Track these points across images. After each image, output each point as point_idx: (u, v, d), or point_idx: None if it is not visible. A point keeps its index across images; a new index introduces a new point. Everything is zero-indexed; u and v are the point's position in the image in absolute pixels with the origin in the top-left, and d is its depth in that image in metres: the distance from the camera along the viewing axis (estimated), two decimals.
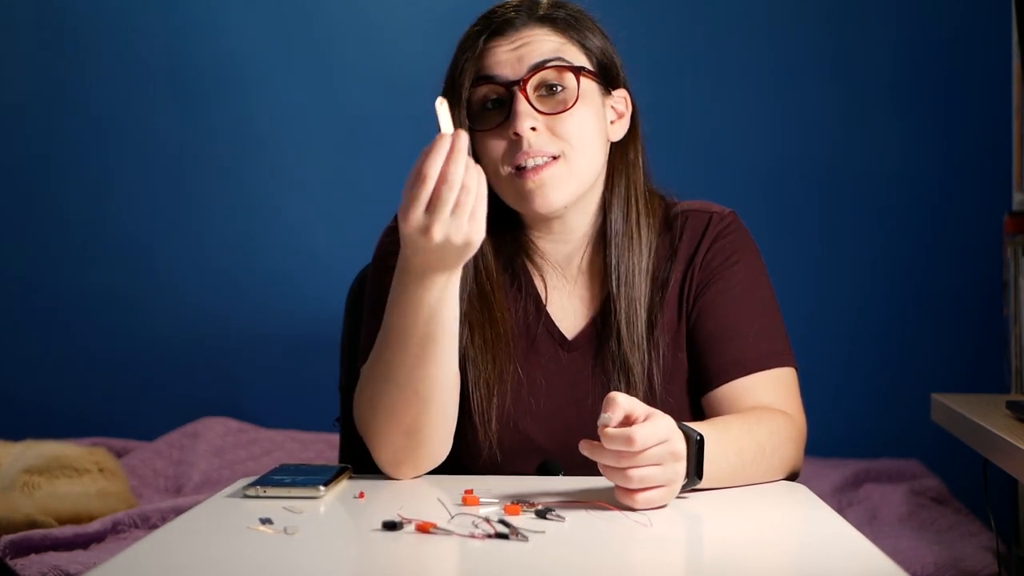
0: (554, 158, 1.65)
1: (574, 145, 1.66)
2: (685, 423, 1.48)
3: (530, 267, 1.76)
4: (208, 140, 3.42)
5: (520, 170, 1.65)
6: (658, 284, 1.74)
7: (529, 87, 1.65)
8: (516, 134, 1.64)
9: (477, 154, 1.67)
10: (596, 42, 1.71)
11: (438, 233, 1.44)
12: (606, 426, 1.41)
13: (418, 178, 1.43)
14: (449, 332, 1.55)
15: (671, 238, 1.76)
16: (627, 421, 1.42)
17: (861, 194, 3.33)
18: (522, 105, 1.64)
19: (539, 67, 1.66)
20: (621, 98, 1.75)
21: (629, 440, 1.38)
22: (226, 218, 3.42)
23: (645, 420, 1.41)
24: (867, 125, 3.32)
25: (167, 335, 3.41)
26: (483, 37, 1.68)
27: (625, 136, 1.75)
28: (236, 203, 3.42)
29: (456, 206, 1.43)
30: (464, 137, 1.44)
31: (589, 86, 1.69)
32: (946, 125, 3.30)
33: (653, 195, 1.78)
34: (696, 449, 1.46)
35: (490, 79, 1.66)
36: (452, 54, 1.72)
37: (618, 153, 1.75)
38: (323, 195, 3.41)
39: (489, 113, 1.68)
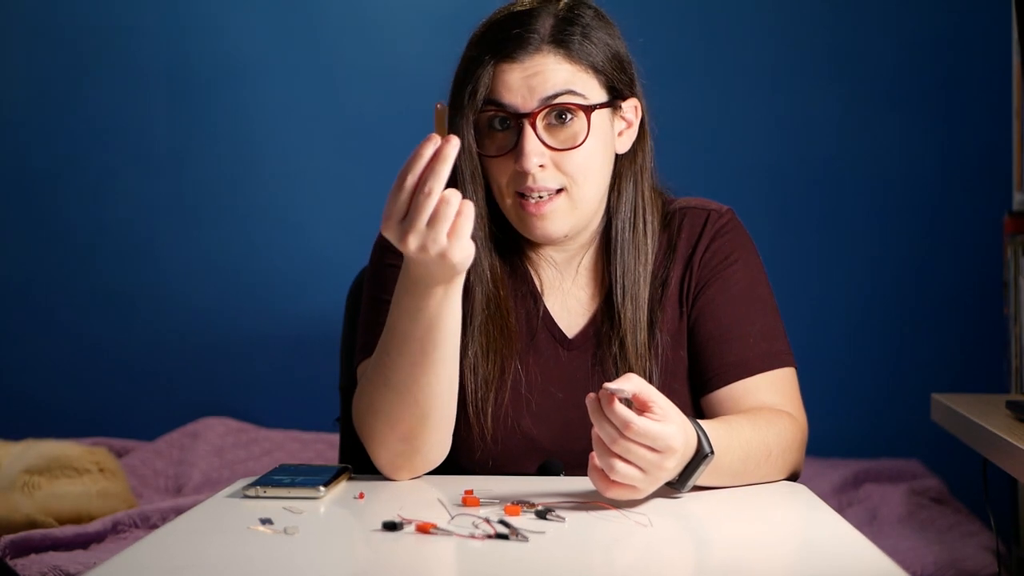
0: (558, 191, 1.64)
1: (578, 180, 1.64)
2: (703, 436, 1.46)
3: (529, 266, 1.75)
4: (208, 140, 3.42)
5: (523, 197, 1.64)
6: (658, 282, 1.73)
7: (539, 118, 1.62)
8: (522, 169, 1.62)
9: (483, 173, 1.66)
10: (608, 59, 1.66)
11: (412, 243, 1.40)
12: (613, 394, 1.38)
13: (397, 183, 1.40)
14: (450, 342, 1.53)
15: (669, 235, 1.75)
16: (642, 404, 1.40)
17: (861, 194, 3.32)
18: (531, 142, 1.61)
19: (550, 102, 1.62)
20: (631, 107, 1.71)
21: (626, 425, 1.37)
22: (226, 218, 3.42)
23: (657, 416, 1.40)
24: (867, 125, 3.32)
25: (167, 335, 3.41)
26: (494, 60, 1.62)
27: (634, 142, 1.73)
28: (236, 203, 3.42)
29: (433, 218, 1.39)
30: (454, 145, 1.38)
31: (599, 116, 1.65)
32: (946, 125, 3.29)
33: (655, 194, 1.76)
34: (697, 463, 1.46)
35: (500, 105, 1.62)
36: (458, 59, 1.68)
37: (626, 160, 1.72)
38: (323, 195, 3.41)
39: (496, 135, 1.64)
